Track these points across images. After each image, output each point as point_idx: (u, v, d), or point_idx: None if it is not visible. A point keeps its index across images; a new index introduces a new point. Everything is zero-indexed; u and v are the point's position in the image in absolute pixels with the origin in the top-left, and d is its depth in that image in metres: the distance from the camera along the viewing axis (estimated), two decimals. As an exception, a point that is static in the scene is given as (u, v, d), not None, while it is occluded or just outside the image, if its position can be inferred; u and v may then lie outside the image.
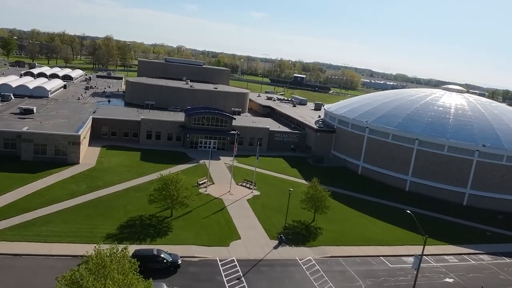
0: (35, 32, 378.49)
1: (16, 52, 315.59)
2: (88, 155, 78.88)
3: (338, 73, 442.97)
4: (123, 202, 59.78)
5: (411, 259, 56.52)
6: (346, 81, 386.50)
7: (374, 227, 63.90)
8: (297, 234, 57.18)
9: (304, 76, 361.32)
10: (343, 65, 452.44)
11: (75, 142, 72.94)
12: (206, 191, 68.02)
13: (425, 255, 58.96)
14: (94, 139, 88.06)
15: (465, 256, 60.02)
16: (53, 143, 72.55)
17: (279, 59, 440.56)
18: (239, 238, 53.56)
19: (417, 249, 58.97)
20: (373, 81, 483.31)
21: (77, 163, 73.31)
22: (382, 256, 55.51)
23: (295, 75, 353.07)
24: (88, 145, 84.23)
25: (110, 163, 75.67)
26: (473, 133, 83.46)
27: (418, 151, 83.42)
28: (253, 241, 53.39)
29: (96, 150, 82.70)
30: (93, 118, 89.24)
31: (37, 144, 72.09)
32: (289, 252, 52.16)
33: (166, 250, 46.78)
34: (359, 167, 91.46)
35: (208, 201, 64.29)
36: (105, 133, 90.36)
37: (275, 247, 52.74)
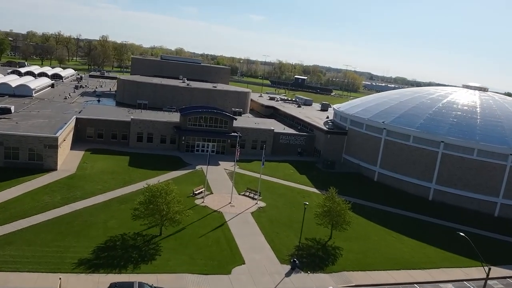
0: (31, 34, 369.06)
1: (10, 53, 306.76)
2: (69, 160, 69.12)
3: (339, 75, 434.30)
4: (104, 217, 49.96)
5: (450, 286, 47.18)
6: (348, 83, 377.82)
7: (401, 246, 54.17)
8: (312, 256, 47.40)
9: (306, 78, 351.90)
10: (345, 66, 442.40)
11: (52, 145, 63.19)
12: (203, 202, 58.25)
13: (465, 280, 49.42)
14: (78, 142, 78.31)
15: (510, 280, 50.33)
16: (27, 146, 62.84)
17: (278, 61, 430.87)
18: (243, 263, 43.73)
19: (455, 273, 49.41)
20: (374, 84, 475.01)
21: (55, 169, 63.55)
22: (416, 283, 45.75)
23: (296, 76, 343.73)
24: (70, 149, 74.51)
25: (93, 169, 65.89)
26: (504, 135, 73.87)
27: (443, 155, 73.77)
28: (260, 266, 43.57)
29: (79, 154, 72.92)
30: (77, 118, 79.54)
31: (8, 147, 62.36)
32: (305, 280, 42.35)
33: (152, 282, 37.04)
34: (375, 173, 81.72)
35: (206, 215, 54.47)
36: (90, 135, 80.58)
37: (288, 274, 42.94)
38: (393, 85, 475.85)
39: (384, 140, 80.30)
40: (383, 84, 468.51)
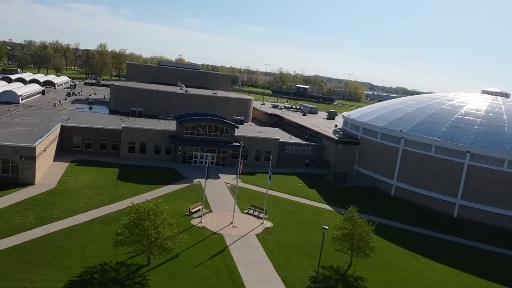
0: (30, 43, 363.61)
1: (7, 62, 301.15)
2: (50, 172, 61.45)
3: (341, 85, 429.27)
4: (82, 242, 42.09)
5: (498, 326, 39.31)
6: (350, 93, 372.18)
7: (433, 274, 46.19)
8: (331, 290, 39.46)
9: (307, 87, 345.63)
10: (348, 76, 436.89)
11: (29, 156, 55.52)
12: (200, 222, 50.31)
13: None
14: (63, 152, 70.78)
15: None
16: (1, 157, 55.23)
17: (279, 71, 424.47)
18: (249, 301, 35.84)
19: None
20: (376, 93, 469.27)
21: (32, 183, 55.89)
22: (459, 324, 37.75)
23: (298, 85, 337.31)
24: (53, 160, 66.95)
25: (77, 184, 58.14)
26: (537, 145, 66.26)
27: (469, 167, 66.11)
28: (269, 305, 35.63)
29: (63, 166, 65.27)
30: (62, 126, 72.02)
31: (-22, 158, 54.80)
32: (325, 324, 34.39)
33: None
34: (391, 187, 73.92)
35: (203, 238, 46.50)
36: (77, 145, 72.97)
37: (303, 316, 34.99)
38: (394, 95, 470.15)
39: (402, 150, 72.62)
40: (385, 94, 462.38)
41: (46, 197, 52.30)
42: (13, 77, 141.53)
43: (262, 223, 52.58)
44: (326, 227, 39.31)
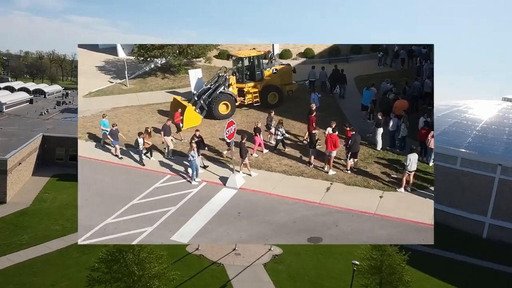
0: (27, 54, 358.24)
1: (2, 72, 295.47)
2: (27, 189, 54.15)
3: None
4: (53, 277, 34.49)
5: None
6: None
7: (476, 312, 38.61)
8: None
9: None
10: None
11: (0, 170, 48.25)
12: (198, 249, 42.73)
13: None
14: (44, 166, 63.60)
15: None
16: (-33, 172, 48.01)
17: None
18: None
19: None
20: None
21: (3, 202, 48.66)
22: None
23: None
24: (32, 175, 59.70)
25: (55, 202, 50.73)
26: None
27: (501, 182, 58.76)
28: None
29: (42, 181, 58.02)
30: (44, 136, 64.90)
31: None
32: None
33: None
34: (411, 204, 66.44)
35: (201, 270, 38.84)
36: (60, 157, 65.79)
37: None
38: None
39: (423, 162, 65.34)
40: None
41: (17, 219, 44.85)
42: (1, 85, 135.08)
43: (270, 249, 44.93)
44: (357, 263, 31.84)
